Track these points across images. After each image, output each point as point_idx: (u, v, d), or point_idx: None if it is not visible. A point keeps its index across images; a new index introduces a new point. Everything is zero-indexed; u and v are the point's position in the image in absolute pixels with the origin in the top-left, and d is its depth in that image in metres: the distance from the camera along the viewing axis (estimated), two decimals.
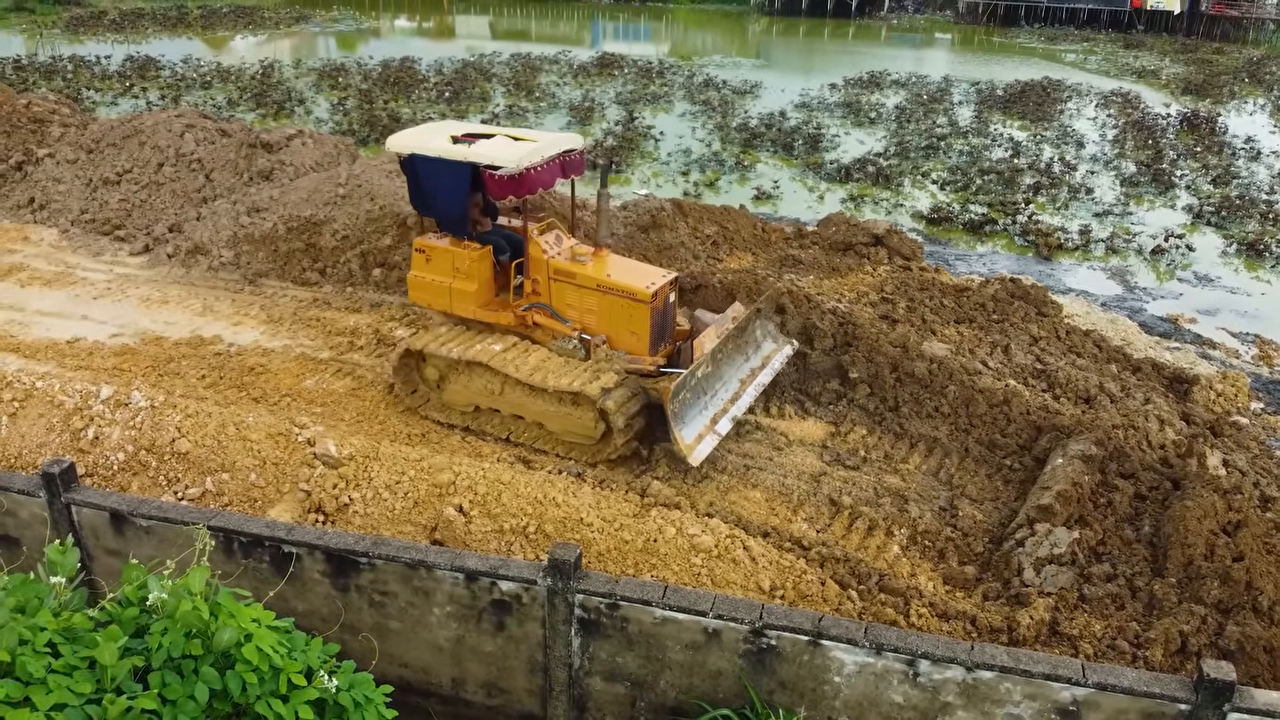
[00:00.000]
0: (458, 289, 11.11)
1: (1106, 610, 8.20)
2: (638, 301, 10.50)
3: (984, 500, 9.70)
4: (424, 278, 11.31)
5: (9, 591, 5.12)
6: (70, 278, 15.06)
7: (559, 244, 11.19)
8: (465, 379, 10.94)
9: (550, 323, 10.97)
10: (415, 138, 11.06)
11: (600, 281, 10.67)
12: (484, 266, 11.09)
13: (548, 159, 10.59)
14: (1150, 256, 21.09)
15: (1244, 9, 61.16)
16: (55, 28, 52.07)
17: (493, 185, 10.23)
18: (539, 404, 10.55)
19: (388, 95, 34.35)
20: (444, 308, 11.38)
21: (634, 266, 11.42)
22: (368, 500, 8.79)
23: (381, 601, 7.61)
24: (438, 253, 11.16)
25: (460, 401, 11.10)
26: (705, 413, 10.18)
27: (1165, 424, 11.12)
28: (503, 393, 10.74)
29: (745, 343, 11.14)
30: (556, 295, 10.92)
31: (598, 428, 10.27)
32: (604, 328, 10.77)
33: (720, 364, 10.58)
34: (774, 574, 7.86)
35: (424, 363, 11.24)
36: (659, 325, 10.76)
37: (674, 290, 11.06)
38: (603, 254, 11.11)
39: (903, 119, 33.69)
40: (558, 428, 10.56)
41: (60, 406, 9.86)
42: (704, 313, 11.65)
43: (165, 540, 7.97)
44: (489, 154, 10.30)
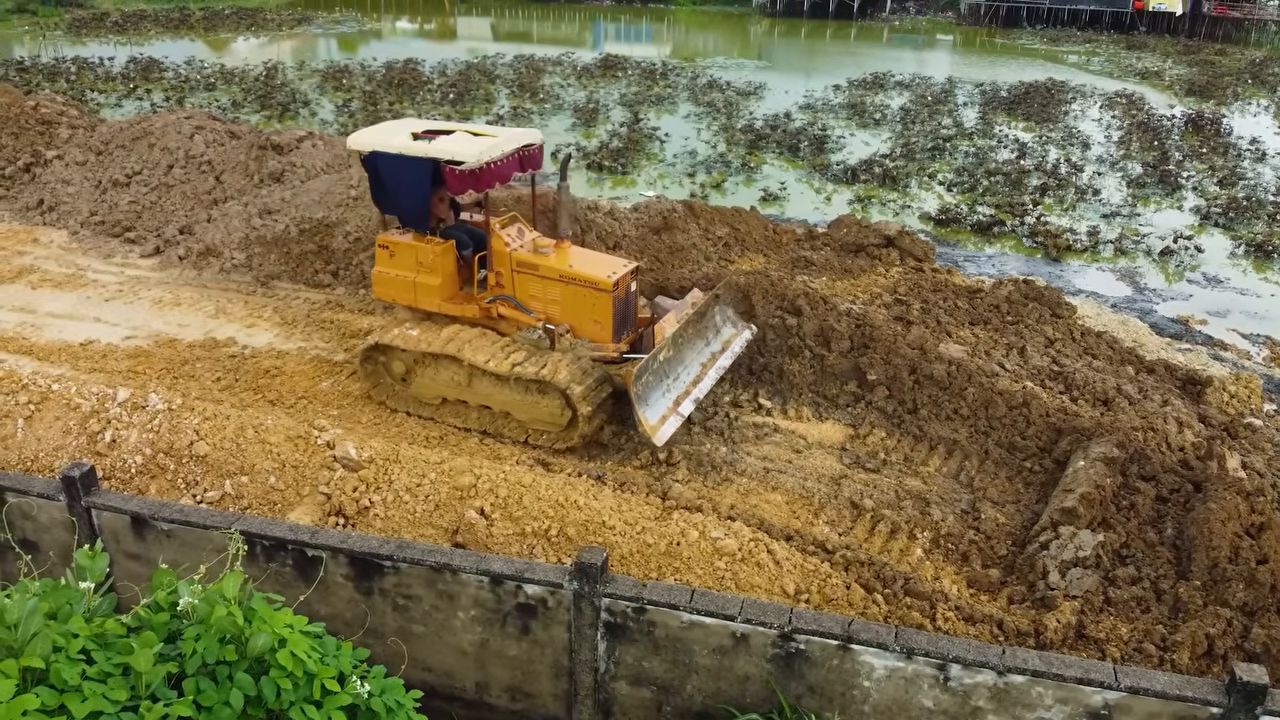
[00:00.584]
0: (422, 283, 11.33)
1: (1132, 613, 8.17)
2: (600, 291, 10.79)
3: (1005, 503, 9.67)
4: (388, 273, 11.51)
5: (41, 598, 5.09)
6: (81, 280, 15.02)
7: (521, 237, 11.43)
8: (432, 371, 11.13)
9: (515, 314, 11.22)
10: (376, 135, 11.29)
11: (563, 272, 10.94)
12: (447, 260, 11.32)
13: (506, 154, 10.88)
14: (1159, 258, 21.07)
15: (1246, 10, 61.19)
16: (58, 29, 52.03)
17: (452, 180, 10.46)
18: (506, 393, 10.77)
19: (392, 97, 34.31)
20: (409, 302, 11.59)
21: (595, 257, 11.73)
22: (388, 503, 8.75)
23: (405, 605, 7.57)
24: (401, 248, 11.36)
25: (428, 394, 11.28)
26: (668, 395, 10.51)
27: (1184, 426, 11.09)
28: (470, 384, 10.94)
29: (705, 327, 11.48)
30: (520, 287, 11.16)
31: (564, 414, 10.55)
32: (567, 317, 11.02)
33: (681, 348, 10.91)
34: (798, 577, 7.83)
35: (390, 357, 11.42)
36: (621, 313, 11.06)
37: (635, 279, 11.37)
38: (564, 245, 11.40)
39: (908, 120, 33.67)
40: (525, 416, 10.79)
41: (77, 409, 9.83)
42: (664, 299, 12.12)
43: (187, 544, 7.93)
44: (449, 149, 10.55)
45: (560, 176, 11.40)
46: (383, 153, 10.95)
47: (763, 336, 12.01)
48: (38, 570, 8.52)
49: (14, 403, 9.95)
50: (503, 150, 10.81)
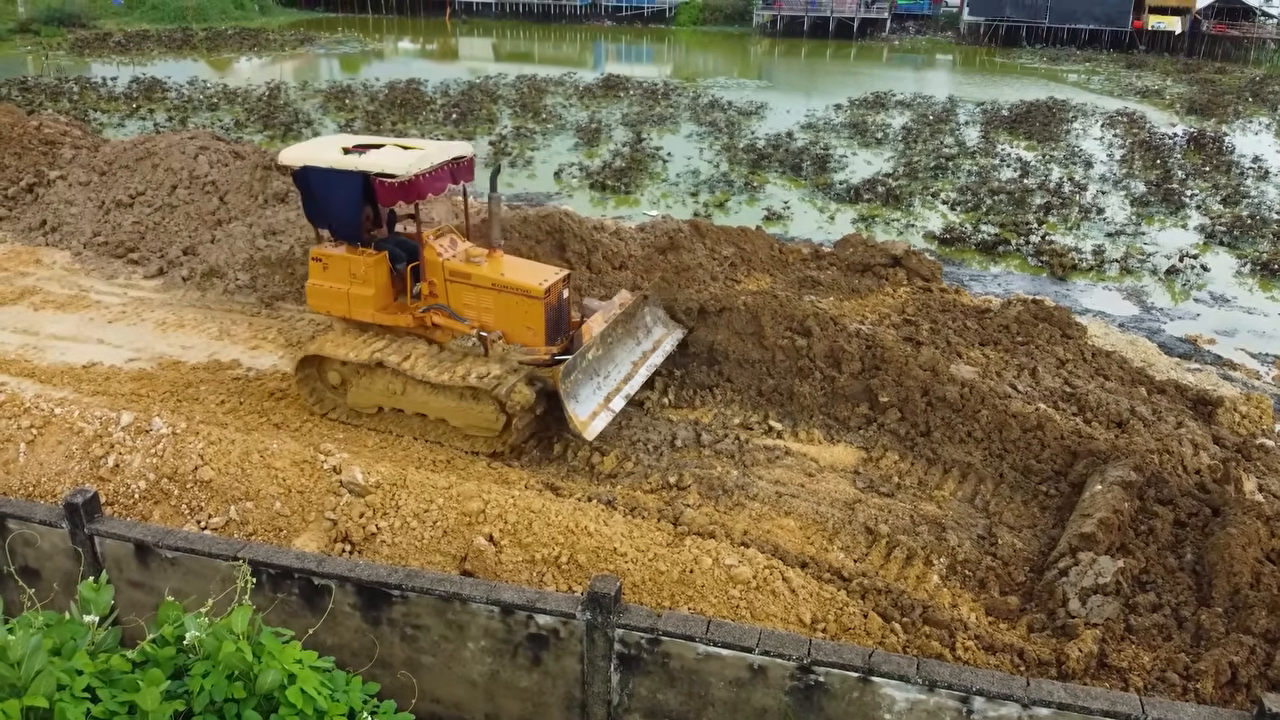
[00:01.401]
0: (355, 294, 11.45)
1: (1154, 641, 8.02)
2: (531, 298, 11.05)
3: (1022, 528, 9.52)
4: (322, 285, 11.62)
5: (45, 633, 4.95)
6: (84, 301, 14.92)
7: (454, 247, 11.66)
8: (367, 381, 11.32)
9: (449, 323, 11.38)
10: (307, 151, 11.50)
11: (495, 280, 11.18)
12: (380, 272, 11.45)
13: (437, 165, 11.09)
14: (1165, 277, 20.98)
15: (1244, 29, 61.43)
16: (60, 49, 52.19)
17: (383, 192, 10.63)
18: (440, 401, 10.97)
19: (395, 117, 34.34)
20: (342, 313, 11.69)
21: (528, 265, 12.01)
22: (395, 529, 8.61)
23: (414, 635, 7.43)
24: (334, 260, 11.49)
25: (364, 404, 11.48)
26: (599, 392, 10.85)
27: (1199, 449, 10.96)
28: (405, 392, 11.15)
29: (636, 327, 11.84)
30: (453, 296, 11.37)
31: (498, 419, 10.74)
32: (501, 325, 11.26)
33: (611, 347, 11.28)
34: (815, 606, 7.68)
35: (325, 368, 11.58)
36: (554, 320, 11.33)
37: (568, 286, 11.63)
38: (497, 255, 11.62)
39: (909, 139, 33.67)
40: (460, 422, 10.98)
41: (80, 433, 9.70)
42: (591, 300, 12.41)
43: (191, 572, 7.79)
44: (379, 163, 10.73)
45: (490, 188, 11.65)
46: (314, 167, 11.10)
47: (772, 358, 11.90)
48: (39, 599, 8.40)
49: (16, 427, 9.82)
50: (432, 162, 11.01)
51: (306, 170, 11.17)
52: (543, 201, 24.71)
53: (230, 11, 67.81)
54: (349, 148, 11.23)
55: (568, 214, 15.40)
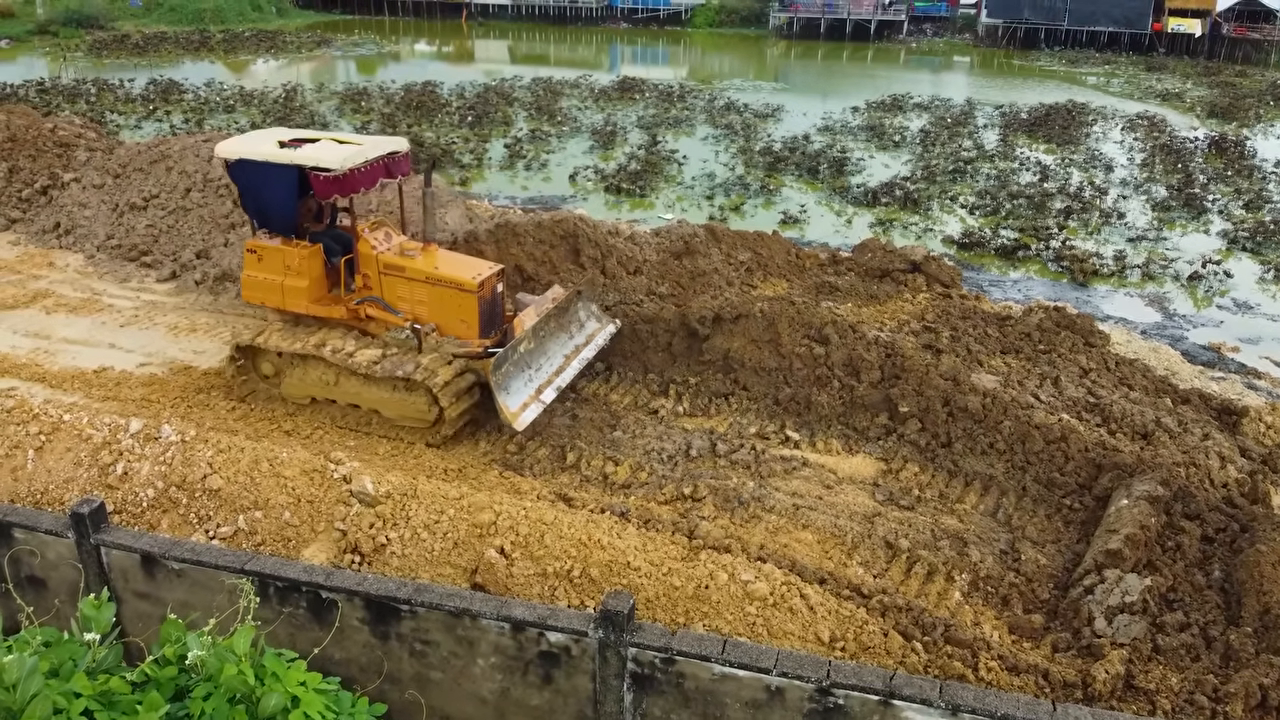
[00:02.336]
0: (290, 286, 11.60)
1: (1182, 662, 7.79)
2: (465, 291, 11.23)
3: (1045, 543, 9.30)
4: (257, 277, 11.77)
5: (42, 654, 4.82)
6: (96, 304, 14.86)
7: (388, 240, 11.80)
8: (300, 372, 11.50)
9: (383, 315, 11.54)
10: (243, 144, 11.64)
11: (429, 274, 11.35)
12: (315, 264, 11.60)
13: (371, 160, 11.23)
14: (1188, 283, 20.67)
15: (1265, 32, 60.78)
16: (78, 51, 52.43)
17: (319, 185, 10.79)
18: (374, 392, 11.14)
19: (411, 119, 34.30)
20: (277, 304, 11.85)
21: (462, 259, 12.14)
22: (405, 540, 8.47)
23: (423, 651, 7.28)
24: (269, 252, 11.64)
25: (297, 394, 11.66)
26: (530, 384, 11.09)
27: (1227, 461, 10.71)
28: (338, 383, 11.31)
29: (568, 321, 12.06)
30: (387, 289, 11.52)
31: (431, 410, 10.94)
32: (435, 318, 11.41)
33: (544, 340, 11.50)
34: (833, 624, 7.49)
35: (259, 358, 11.76)
36: (488, 314, 11.50)
37: (501, 281, 11.82)
38: (431, 249, 11.81)
39: (927, 142, 33.40)
40: (393, 413, 11.18)
41: (88, 440, 9.60)
42: (524, 295, 12.63)
43: (198, 584, 7.66)
44: (315, 156, 10.92)
45: (425, 182, 11.81)
46: (250, 160, 11.27)
47: (789, 366, 11.72)
48: (45, 609, 8.28)
49: (25, 433, 9.73)
50: (367, 157, 11.16)
51: (243, 163, 11.32)
52: (557, 205, 24.57)
53: (247, 13, 68.02)
54: (285, 141, 11.39)
55: (582, 219, 15.25)
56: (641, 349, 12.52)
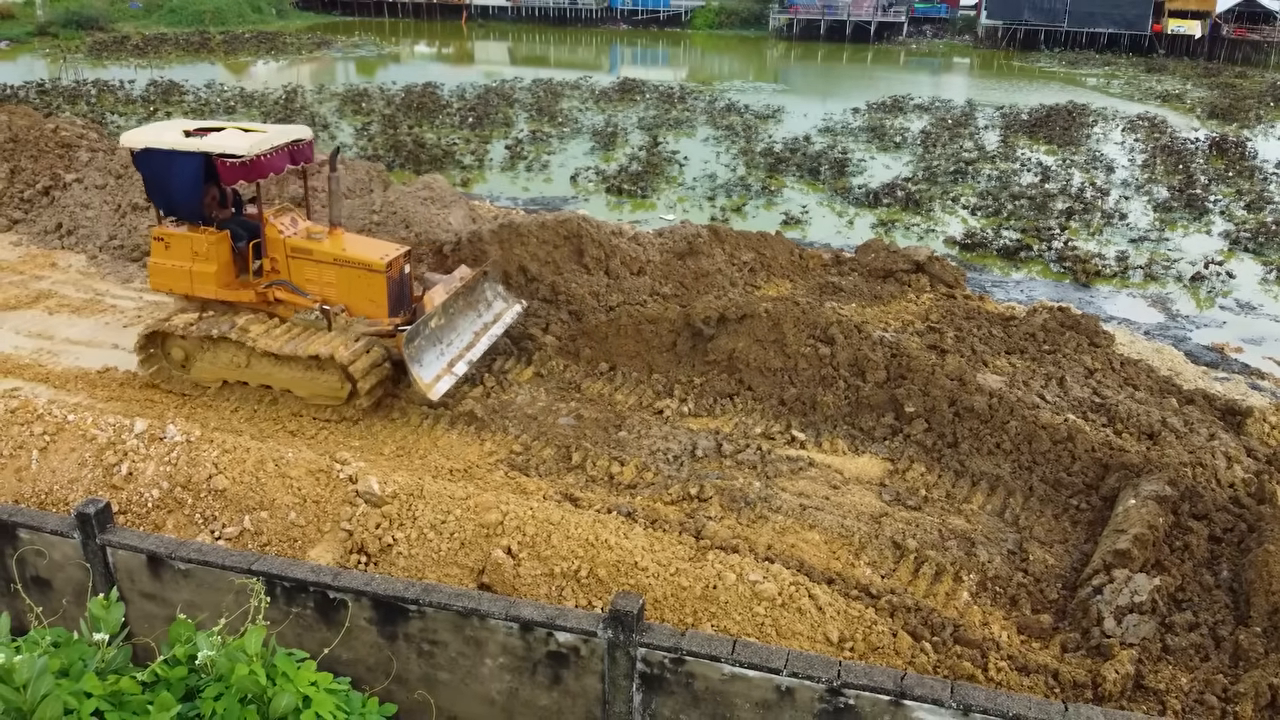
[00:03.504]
0: (198, 272, 11.83)
1: (1191, 662, 7.77)
2: (374, 272, 11.55)
3: (1053, 543, 9.27)
4: (164, 264, 11.97)
5: (52, 654, 4.79)
6: (99, 305, 14.83)
7: (295, 225, 12.09)
8: (211, 355, 11.74)
9: (291, 298, 11.85)
10: (149, 134, 11.87)
11: (337, 256, 11.67)
12: (222, 249, 11.84)
13: (276, 147, 11.52)
14: (1190, 283, 20.66)
15: (1265, 33, 60.82)
16: (78, 52, 52.39)
17: (225, 172, 11.05)
18: (286, 372, 11.44)
19: (411, 120, 34.28)
20: (185, 291, 12.06)
21: (369, 241, 12.53)
22: (412, 541, 8.43)
23: (430, 651, 7.25)
24: (176, 239, 11.84)
25: (208, 378, 11.90)
26: (442, 358, 11.48)
27: (1233, 461, 10.69)
28: (249, 365, 11.59)
29: (477, 300, 12.48)
30: (295, 272, 11.82)
31: (344, 387, 11.28)
32: (344, 299, 11.71)
33: (453, 317, 11.86)
34: (842, 624, 7.46)
35: (170, 344, 11.87)
36: (396, 294, 11.80)
37: (409, 261, 12.12)
38: (338, 232, 12.10)
39: (928, 143, 33.39)
40: (306, 392, 11.49)
41: (93, 441, 9.56)
42: (431, 274, 12.97)
43: (204, 584, 7.64)
44: (221, 144, 11.16)
45: (330, 168, 12.04)
46: (157, 149, 11.44)
47: (794, 366, 11.69)
48: (51, 610, 8.24)
49: (29, 433, 9.69)
50: (273, 144, 11.45)
51: (149, 152, 11.52)
52: (559, 206, 24.55)
53: (247, 15, 68.02)
54: (190, 130, 11.61)
55: (586, 219, 15.23)
56: (646, 349, 12.50)
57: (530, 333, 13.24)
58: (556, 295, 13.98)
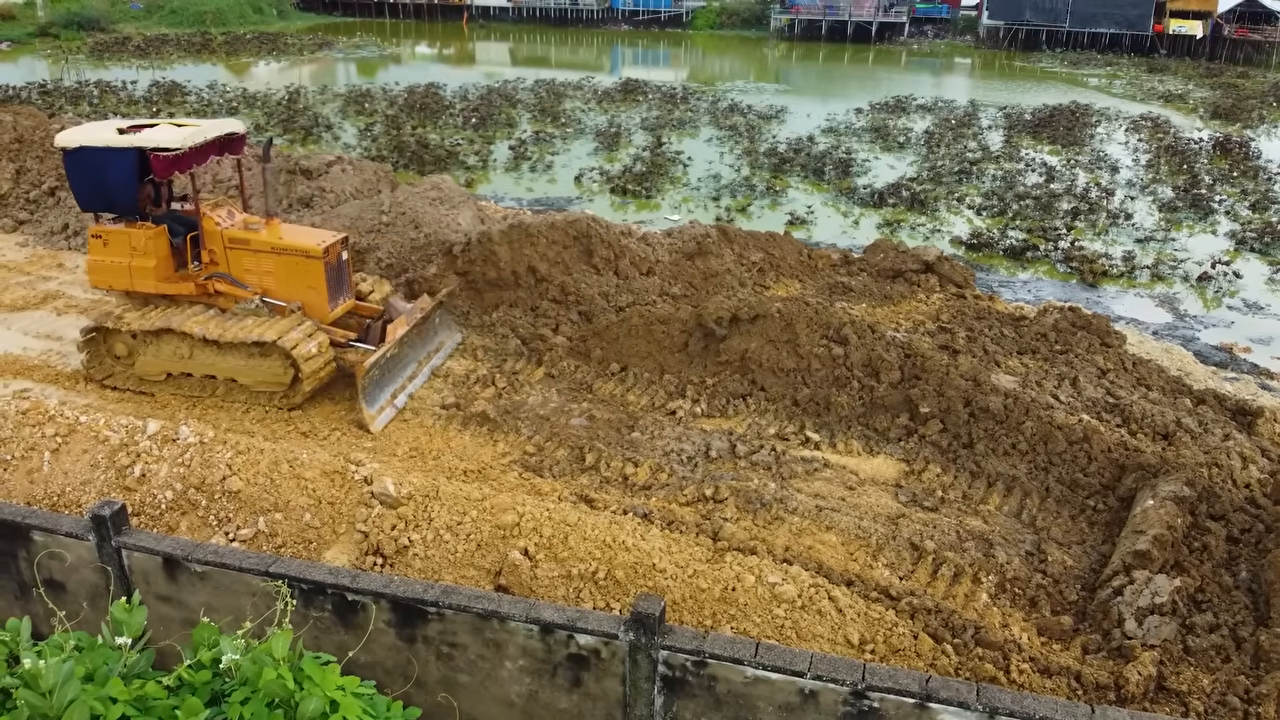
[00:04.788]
0: (137, 267, 11.97)
1: (1212, 663, 7.74)
2: (311, 258, 11.65)
3: (1071, 543, 9.23)
4: (103, 261, 12.08)
5: (76, 659, 4.74)
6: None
7: (231, 218, 12.27)
8: (154, 349, 11.83)
9: (230, 289, 11.97)
10: (84, 134, 12.01)
11: (274, 244, 11.82)
12: (160, 244, 11.98)
13: (209, 140, 11.71)
14: (1197, 283, 20.62)
15: (1266, 33, 60.80)
16: (80, 53, 52.33)
17: (158, 165, 11.19)
18: (229, 361, 11.57)
19: (415, 121, 34.23)
20: (125, 286, 12.22)
21: (305, 230, 12.67)
22: (428, 542, 8.40)
23: (449, 654, 7.21)
24: (114, 236, 11.98)
25: (152, 371, 11.97)
26: (387, 389, 11.64)
27: (1248, 462, 10.65)
28: (192, 356, 11.70)
29: (427, 329, 12.59)
30: (234, 262, 11.98)
31: (287, 374, 11.41)
32: (282, 288, 11.82)
33: (404, 347, 11.97)
34: (862, 626, 7.42)
35: (112, 339, 11.99)
36: (335, 280, 11.90)
37: (346, 249, 12.18)
38: (274, 223, 12.20)
39: (932, 143, 33.36)
40: (250, 380, 11.62)
41: (105, 442, 9.52)
42: (397, 300, 13.08)
43: (222, 587, 7.60)
44: (154, 139, 11.36)
45: (264, 159, 12.25)
46: (90, 148, 11.58)
47: (807, 366, 11.66)
48: (66, 610, 8.20)
49: (40, 435, 9.65)
50: (205, 137, 11.63)
51: (83, 151, 11.64)
52: (564, 206, 24.51)
53: (248, 16, 67.96)
54: (124, 129, 11.76)
55: (595, 219, 15.19)
56: (657, 349, 12.46)
57: (540, 333, 13.19)
58: (566, 295, 13.94)
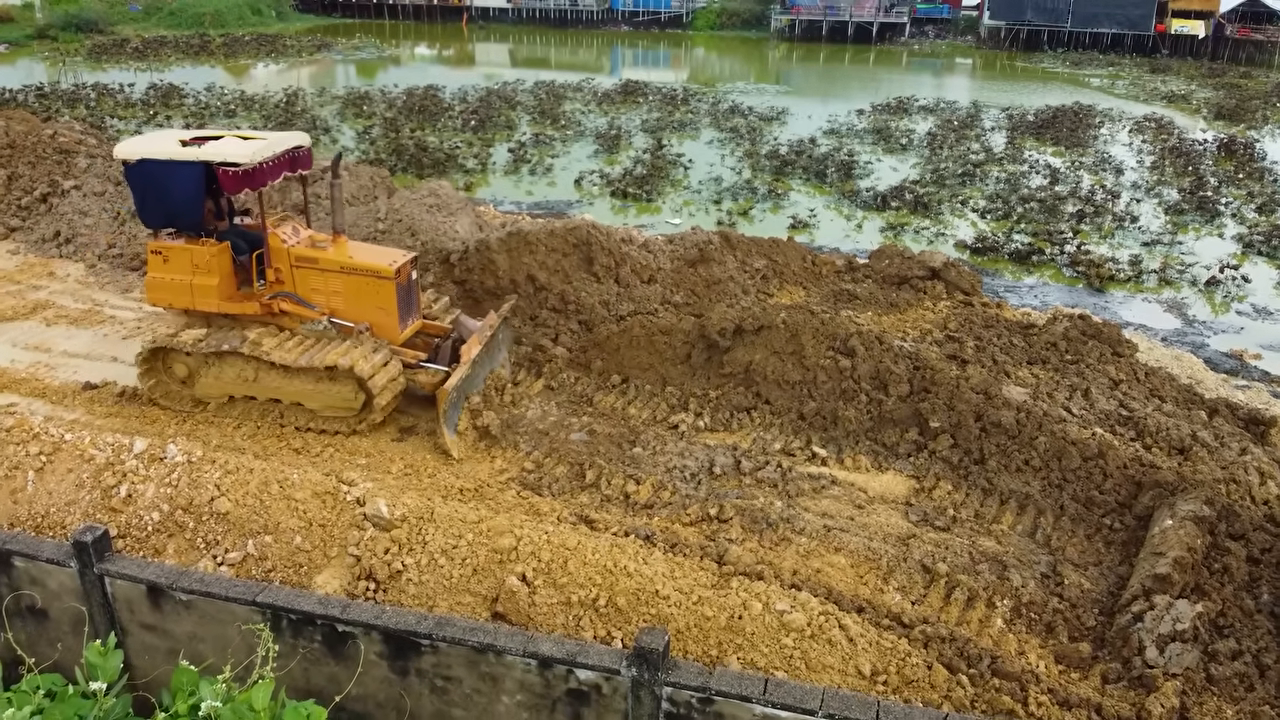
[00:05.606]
0: (199, 285, 11.46)
1: (1236, 692, 7.45)
2: (382, 279, 11.19)
3: (1087, 565, 8.94)
4: (163, 278, 11.57)
5: (46, 708, 4.46)
6: (98, 316, 14.49)
7: (297, 234, 11.77)
8: (216, 370, 11.30)
9: (296, 309, 11.47)
10: (145, 144, 11.42)
11: (344, 264, 11.33)
12: (223, 261, 11.49)
13: (279, 154, 11.21)
14: (1205, 288, 20.35)
15: (1269, 33, 60.54)
16: (78, 55, 52.09)
17: (227, 181, 10.67)
18: (297, 384, 11.07)
19: (413, 124, 33.96)
20: (186, 305, 11.68)
21: (373, 248, 12.24)
22: (422, 567, 8.11)
23: (444, 687, 6.93)
24: (175, 252, 11.46)
25: (213, 394, 11.46)
26: (460, 410, 11.18)
27: (1266, 477, 10.35)
28: (257, 379, 11.18)
29: (492, 346, 12.19)
30: (300, 282, 11.46)
31: (358, 398, 10.96)
32: (351, 309, 11.37)
33: (476, 367, 11.55)
34: (874, 656, 7.13)
35: (172, 360, 11.48)
36: (405, 301, 11.50)
37: (415, 268, 11.79)
38: (341, 240, 11.77)
39: (935, 145, 33.09)
40: (318, 404, 11.13)
41: (91, 461, 9.22)
42: (466, 319, 12.65)
43: (208, 616, 7.32)
44: (222, 152, 10.81)
45: (332, 174, 11.80)
46: (154, 160, 11.05)
47: (813, 379, 11.37)
48: (48, 642, 7.91)
49: (25, 453, 9.35)
50: (274, 151, 11.12)
51: (145, 164, 11.11)
52: (564, 209, 24.23)
53: (247, 17, 67.75)
54: (186, 140, 11.28)
55: (595, 226, 14.89)
56: (659, 360, 12.17)
57: (540, 343, 12.91)
58: (566, 305, 13.65)
